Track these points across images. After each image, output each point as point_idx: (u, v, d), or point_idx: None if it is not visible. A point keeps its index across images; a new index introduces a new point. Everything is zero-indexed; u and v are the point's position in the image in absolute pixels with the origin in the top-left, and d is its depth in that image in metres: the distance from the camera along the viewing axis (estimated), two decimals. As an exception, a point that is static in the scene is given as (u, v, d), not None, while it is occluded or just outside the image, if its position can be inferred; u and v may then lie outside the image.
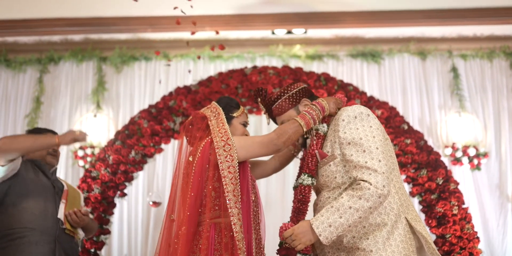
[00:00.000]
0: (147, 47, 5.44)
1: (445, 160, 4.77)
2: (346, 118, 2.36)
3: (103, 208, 4.04)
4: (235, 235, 2.29)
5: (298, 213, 2.45)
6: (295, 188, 2.51)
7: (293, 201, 2.49)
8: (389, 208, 2.30)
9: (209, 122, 2.51)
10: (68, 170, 5.07)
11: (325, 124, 2.47)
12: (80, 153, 4.98)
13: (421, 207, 4.09)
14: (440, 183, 4.03)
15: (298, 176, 2.54)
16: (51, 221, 3.11)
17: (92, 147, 4.98)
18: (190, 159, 2.48)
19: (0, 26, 5.15)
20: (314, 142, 2.46)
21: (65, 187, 3.33)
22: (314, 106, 2.44)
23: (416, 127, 4.74)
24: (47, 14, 5.05)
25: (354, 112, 2.37)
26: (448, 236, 3.92)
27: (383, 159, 2.26)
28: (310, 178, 2.44)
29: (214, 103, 2.61)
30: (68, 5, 4.89)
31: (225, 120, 2.51)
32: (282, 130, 2.42)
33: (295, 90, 2.55)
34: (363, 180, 2.22)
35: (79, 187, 4.06)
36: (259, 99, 2.61)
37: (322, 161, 2.41)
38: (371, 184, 2.20)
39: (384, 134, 2.41)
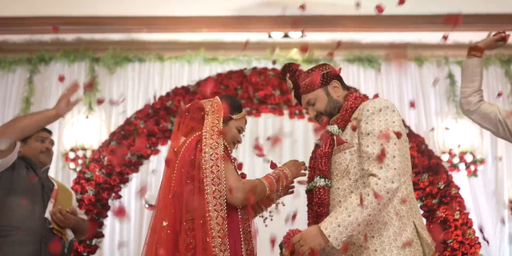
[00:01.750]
0: (141, 49, 5.34)
1: (442, 166, 4.76)
2: (371, 109, 2.29)
3: (97, 210, 3.93)
4: (210, 241, 2.15)
5: (317, 217, 2.33)
6: (308, 191, 2.42)
7: (308, 206, 2.41)
8: (398, 208, 2.23)
9: (205, 115, 2.39)
10: (58, 172, 4.92)
11: (335, 125, 2.39)
12: (71, 155, 4.84)
13: (422, 212, 4.05)
14: (442, 187, 4.00)
15: (310, 178, 2.46)
16: (38, 220, 3.00)
17: (84, 149, 4.84)
18: (175, 149, 2.38)
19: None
20: (324, 143, 2.40)
21: (55, 186, 3.22)
22: (278, 172, 2.42)
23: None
24: (38, 12, 4.93)
25: (381, 104, 2.30)
26: (449, 241, 3.88)
27: (398, 156, 2.19)
28: (323, 179, 2.34)
29: (217, 98, 2.48)
30: (60, 3, 4.79)
31: (222, 118, 2.38)
32: (251, 186, 2.30)
33: (326, 70, 2.48)
34: (372, 175, 2.16)
35: (72, 189, 3.93)
36: (287, 75, 2.52)
37: (338, 147, 2.34)
38: (379, 179, 2.14)
39: (404, 133, 2.34)
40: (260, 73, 4.34)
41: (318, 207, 2.34)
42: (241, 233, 2.28)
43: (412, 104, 5.06)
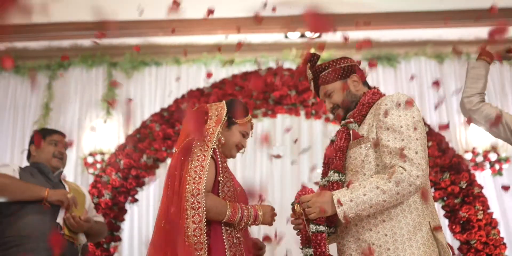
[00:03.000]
0: (157, 53, 5.34)
1: (466, 165, 4.63)
2: (389, 103, 2.22)
3: (114, 214, 3.91)
4: (182, 240, 2.10)
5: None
6: (322, 187, 2.35)
7: None
8: (413, 207, 2.15)
9: (208, 120, 2.37)
10: (77, 177, 4.93)
11: (351, 120, 2.33)
12: (90, 160, 4.86)
13: (444, 212, 3.94)
14: (464, 187, 3.89)
15: (324, 174, 2.40)
16: (49, 227, 2.96)
17: (102, 153, 4.85)
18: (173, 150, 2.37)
19: (8, 30, 5.07)
20: (339, 137, 2.34)
21: (67, 191, 3.19)
22: (250, 209, 2.31)
23: (435, 132, 4.59)
24: (55, 18, 4.96)
25: (399, 99, 2.23)
26: (473, 242, 3.76)
27: (420, 152, 2.12)
28: (337, 174, 2.29)
29: (223, 103, 2.46)
30: (77, 8, 4.81)
31: (223, 122, 2.36)
32: (218, 205, 2.21)
33: (347, 64, 2.43)
34: (397, 166, 2.10)
35: (89, 193, 3.93)
36: (308, 65, 2.48)
37: (353, 142, 2.28)
38: (405, 170, 2.07)
39: (423, 130, 2.25)
40: (275, 73, 4.29)
41: None
42: (225, 242, 2.20)
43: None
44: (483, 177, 4.80)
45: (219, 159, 2.28)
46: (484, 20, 4.98)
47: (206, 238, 2.10)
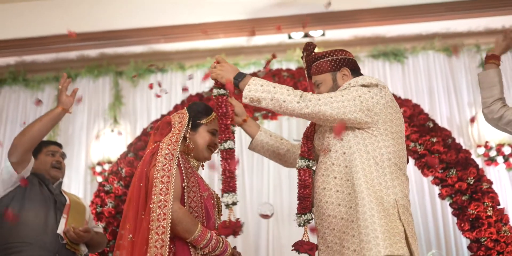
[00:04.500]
0: (162, 59, 5.35)
1: (478, 161, 4.47)
2: (353, 83, 2.31)
3: (118, 223, 3.91)
4: (148, 251, 2.04)
5: (301, 199, 2.35)
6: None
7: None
8: (376, 181, 2.18)
9: (172, 128, 2.33)
10: (87, 186, 4.97)
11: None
12: (98, 169, 4.89)
13: (452, 209, 3.81)
14: (472, 183, 3.76)
15: None
16: (51, 236, 3.00)
17: (110, 162, 4.87)
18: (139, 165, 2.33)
19: (16, 44, 5.15)
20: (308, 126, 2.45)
21: (67, 202, 3.22)
22: (221, 241, 2.22)
23: (445, 127, 4.46)
24: (61, 30, 5.01)
25: (364, 80, 2.30)
26: (483, 239, 3.63)
27: (336, 106, 2.18)
28: (303, 160, 2.37)
29: (184, 109, 2.44)
30: (80, 19, 4.87)
31: (185, 127, 2.32)
32: (189, 222, 2.14)
33: (340, 56, 2.46)
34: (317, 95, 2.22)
35: (93, 202, 3.95)
36: (304, 54, 2.53)
37: (319, 127, 2.37)
38: (318, 100, 2.18)
39: (399, 117, 2.31)
40: (274, 74, 4.23)
41: (301, 188, 2.36)
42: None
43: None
44: (497, 172, 4.65)
45: (181, 166, 2.24)
46: (493, 9, 4.84)
47: (167, 251, 2.04)
